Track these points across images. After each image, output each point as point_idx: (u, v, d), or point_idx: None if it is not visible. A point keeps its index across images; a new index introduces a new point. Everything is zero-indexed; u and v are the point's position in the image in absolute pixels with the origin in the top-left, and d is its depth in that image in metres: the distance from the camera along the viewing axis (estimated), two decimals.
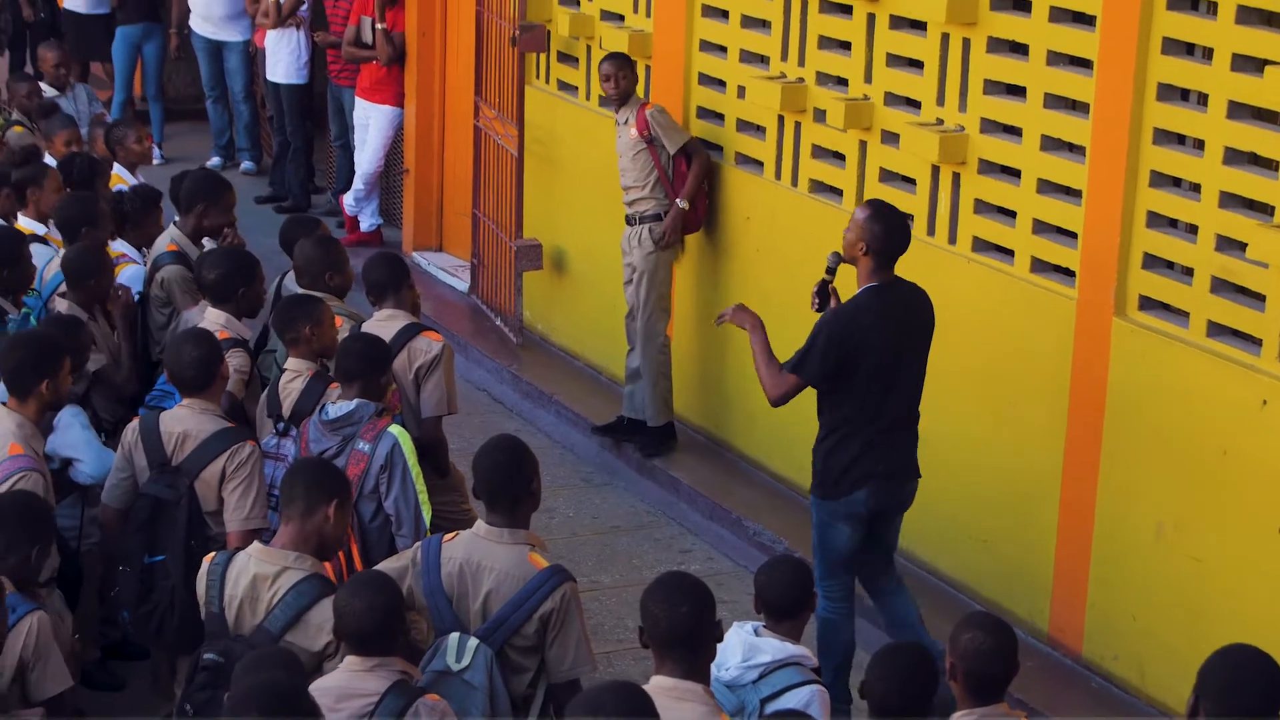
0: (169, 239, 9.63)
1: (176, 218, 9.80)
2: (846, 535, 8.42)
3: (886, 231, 8.24)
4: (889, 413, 8.32)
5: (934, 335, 8.45)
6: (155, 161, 16.44)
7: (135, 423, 7.76)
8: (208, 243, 9.64)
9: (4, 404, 7.43)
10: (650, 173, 10.87)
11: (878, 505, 8.41)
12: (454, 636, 6.41)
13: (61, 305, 8.70)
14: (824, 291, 8.52)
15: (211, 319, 8.55)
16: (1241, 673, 5.45)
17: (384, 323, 8.47)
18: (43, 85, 13.45)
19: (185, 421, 7.59)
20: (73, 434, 7.84)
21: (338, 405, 7.68)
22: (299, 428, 7.86)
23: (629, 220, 11.02)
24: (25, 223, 9.86)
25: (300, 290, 8.77)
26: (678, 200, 10.84)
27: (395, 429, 7.57)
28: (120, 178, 10.98)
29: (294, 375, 8.10)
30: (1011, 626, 5.97)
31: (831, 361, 8.19)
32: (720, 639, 5.89)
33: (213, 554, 6.64)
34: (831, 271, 8.49)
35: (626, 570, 10.13)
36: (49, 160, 10.88)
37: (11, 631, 6.13)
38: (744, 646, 6.51)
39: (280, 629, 6.33)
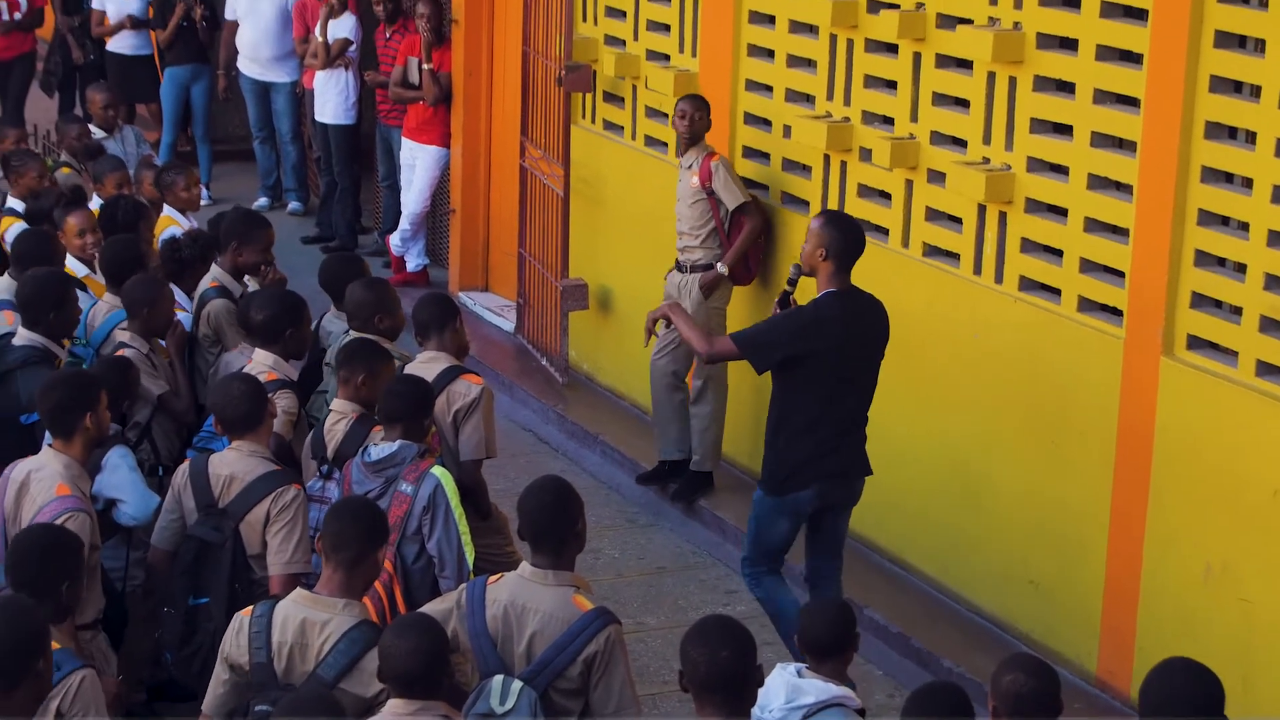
0: (211, 277, 9.66)
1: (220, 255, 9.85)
2: (784, 530, 8.80)
3: (843, 236, 8.60)
4: (845, 415, 8.69)
5: (975, 372, 8.41)
6: (203, 203, 16.48)
7: (185, 465, 7.79)
8: (251, 283, 9.66)
9: (50, 445, 7.44)
10: (707, 223, 10.82)
11: (824, 502, 8.78)
12: (498, 679, 6.39)
13: (124, 336, 8.74)
14: (785, 303, 8.88)
15: (259, 360, 8.56)
16: (1175, 683, 5.50)
17: (426, 364, 8.46)
18: (91, 127, 13.51)
19: (233, 464, 7.60)
20: (119, 475, 7.84)
21: (380, 447, 7.67)
22: (342, 470, 7.87)
23: (680, 266, 10.97)
24: (71, 264, 9.90)
25: (349, 330, 8.78)
26: (719, 265, 10.80)
27: (438, 470, 7.56)
28: (173, 219, 11.00)
29: (339, 417, 8.11)
30: (1054, 668, 5.93)
31: (782, 353, 8.57)
32: (761, 683, 5.86)
33: (250, 607, 6.58)
34: (793, 283, 8.93)
35: (672, 611, 10.09)
36: (96, 202, 10.92)
37: (53, 688, 5.93)
38: (787, 688, 6.45)
39: (334, 676, 6.30)
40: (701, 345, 8.78)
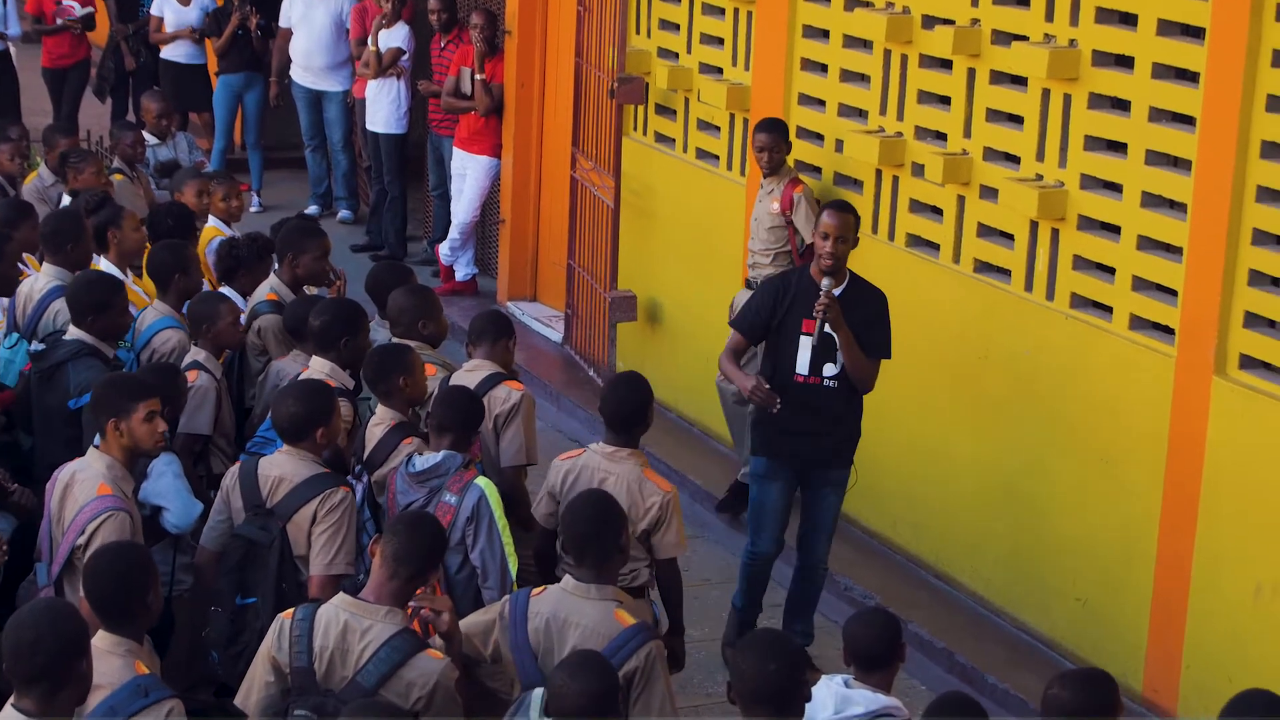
0: (269, 288, 9.65)
1: (277, 266, 9.85)
2: None
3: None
4: None
5: (1025, 389, 8.35)
6: (254, 210, 16.57)
7: (235, 467, 7.80)
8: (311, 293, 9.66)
9: (95, 447, 7.48)
10: (782, 247, 10.76)
11: None
12: (538, 692, 6.36)
13: (199, 355, 8.73)
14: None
15: (316, 368, 8.53)
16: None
17: (469, 372, 8.47)
18: (145, 134, 13.54)
19: (282, 466, 7.60)
20: (164, 482, 7.84)
21: (425, 457, 7.66)
22: (370, 475, 7.90)
23: (749, 284, 10.87)
24: (105, 266, 9.82)
25: (391, 338, 8.78)
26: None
27: (482, 481, 7.54)
28: (218, 230, 11.02)
29: (378, 422, 8.12)
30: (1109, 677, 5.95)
31: None
32: (809, 698, 5.83)
33: (291, 610, 6.53)
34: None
35: (716, 624, 10.05)
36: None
37: (139, 715, 5.90)
38: (835, 698, 6.42)
39: (374, 683, 6.26)
40: (874, 379, 9.14)
